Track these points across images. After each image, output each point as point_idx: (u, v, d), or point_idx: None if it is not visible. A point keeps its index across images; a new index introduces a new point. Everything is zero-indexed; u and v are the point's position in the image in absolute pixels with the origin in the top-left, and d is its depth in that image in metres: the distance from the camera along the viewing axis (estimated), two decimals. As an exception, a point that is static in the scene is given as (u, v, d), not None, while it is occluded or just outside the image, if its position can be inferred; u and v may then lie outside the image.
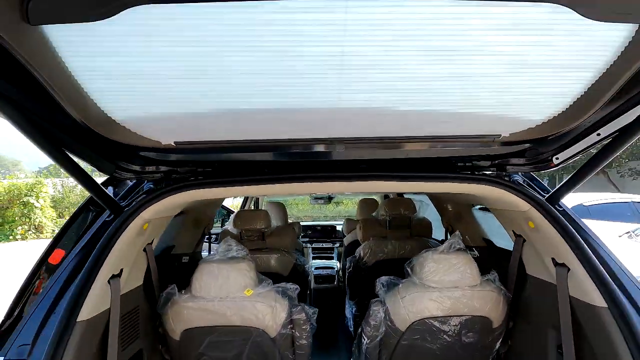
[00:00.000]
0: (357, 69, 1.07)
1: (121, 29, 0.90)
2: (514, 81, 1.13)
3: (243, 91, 1.14)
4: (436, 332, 1.70)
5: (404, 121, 1.31)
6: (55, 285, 1.35)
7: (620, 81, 1.08)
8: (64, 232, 1.68)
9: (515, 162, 1.54)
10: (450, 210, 2.72)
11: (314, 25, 0.93)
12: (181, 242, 2.39)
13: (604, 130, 1.29)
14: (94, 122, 1.19)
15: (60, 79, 1.03)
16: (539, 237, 1.51)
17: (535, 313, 1.66)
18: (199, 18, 0.90)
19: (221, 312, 1.63)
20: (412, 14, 0.91)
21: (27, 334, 1.25)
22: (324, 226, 5.74)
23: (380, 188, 1.56)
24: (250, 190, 1.57)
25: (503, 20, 0.94)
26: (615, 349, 1.18)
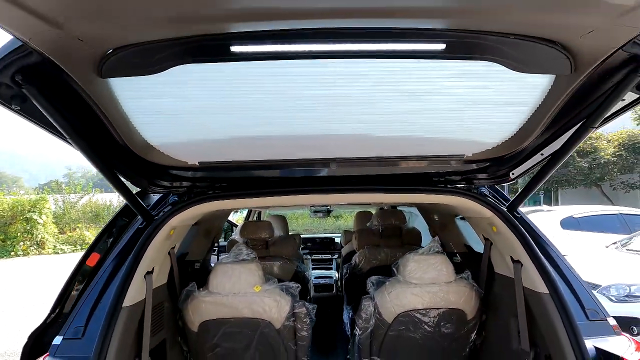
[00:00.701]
0: (344, 106, 1.39)
1: (164, 79, 1.22)
2: (469, 114, 1.45)
3: (254, 122, 1.46)
4: (418, 323, 1.98)
5: (385, 145, 1.63)
6: (100, 280, 1.64)
7: (550, 114, 1.40)
8: (99, 239, 1.98)
9: (481, 177, 1.85)
10: (436, 220, 3.01)
11: (311, 75, 1.26)
12: (194, 250, 2.67)
13: (546, 151, 1.61)
14: (137, 147, 1.51)
15: (116, 115, 1.35)
16: (500, 239, 1.80)
17: (502, 305, 1.94)
18: (221, 71, 1.23)
19: (234, 306, 1.91)
20: (384, 67, 1.24)
21: (80, 318, 1.52)
22: (323, 238, 5.98)
23: (367, 199, 1.86)
24: (259, 202, 1.86)
25: (454, 70, 1.26)
26: (555, 327, 1.45)
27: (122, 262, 1.67)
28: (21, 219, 13.88)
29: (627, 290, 4.51)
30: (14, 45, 1.05)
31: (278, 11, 0.97)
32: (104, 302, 1.55)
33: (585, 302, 1.57)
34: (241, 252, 2.09)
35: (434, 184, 1.91)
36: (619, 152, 14.77)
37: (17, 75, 1.08)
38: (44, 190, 16.80)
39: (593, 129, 1.34)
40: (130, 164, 1.58)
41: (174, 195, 1.96)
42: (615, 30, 1.00)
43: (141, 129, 1.44)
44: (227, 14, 0.99)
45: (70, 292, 1.88)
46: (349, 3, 0.94)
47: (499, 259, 1.92)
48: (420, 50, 1.15)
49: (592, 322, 1.53)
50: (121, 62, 1.13)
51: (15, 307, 6.87)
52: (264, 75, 1.26)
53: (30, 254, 13.64)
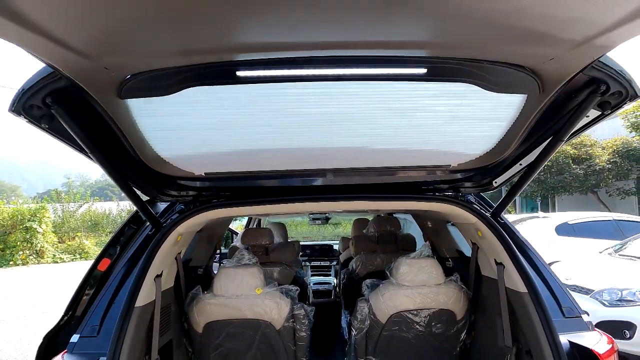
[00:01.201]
0: (339, 122, 1.54)
1: (175, 99, 1.36)
2: (452, 128, 1.60)
3: (257, 137, 1.60)
4: (410, 323, 2.10)
5: (377, 156, 1.77)
6: (113, 283, 1.76)
7: (524, 129, 1.55)
8: (110, 245, 2.11)
9: (466, 185, 1.99)
10: (429, 226, 3.14)
11: (309, 95, 1.41)
12: (197, 256, 2.79)
13: (524, 161, 1.75)
14: (149, 160, 1.65)
15: (132, 131, 1.49)
16: (485, 243, 1.94)
17: (488, 305, 2.06)
18: (226, 92, 1.38)
19: (237, 307, 2.03)
20: (374, 88, 1.39)
21: (95, 317, 1.64)
22: (321, 245, 6.09)
23: (361, 206, 2.00)
24: (260, 209, 2.00)
25: (435, 90, 1.42)
26: (533, 324, 1.57)
27: (133, 266, 1.79)
28: (21, 228, 13.89)
29: (619, 295, 4.60)
30: (46, 72, 1.20)
31: (279, 44, 1.12)
32: (117, 303, 1.67)
33: (562, 301, 1.70)
34: (243, 257, 2.22)
35: (423, 192, 2.05)
36: (613, 159, 14.97)
37: (48, 98, 1.23)
38: (43, 199, 16.84)
39: (562, 142, 1.48)
40: (142, 175, 1.72)
41: (180, 204, 2.09)
42: (572, 58, 1.15)
43: (153, 143, 1.58)
44: (231, 47, 1.14)
45: (83, 296, 2.00)
46: (343, 37, 1.09)
47: (485, 262, 2.06)
48: (405, 74, 1.30)
49: (567, 319, 1.66)
50: (138, 86, 1.27)
51: (16, 317, 6.92)
52: (266, 95, 1.41)
53: (30, 263, 13.65)
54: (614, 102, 1.35)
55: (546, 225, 7.94)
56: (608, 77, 1.25)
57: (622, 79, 1.25)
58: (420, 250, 2.22)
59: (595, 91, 1.30)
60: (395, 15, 0.97)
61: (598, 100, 1.33)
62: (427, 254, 2.21)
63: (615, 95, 1.32)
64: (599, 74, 1.25)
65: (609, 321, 4.38)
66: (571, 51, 1.09)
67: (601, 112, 1.40)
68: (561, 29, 1.00)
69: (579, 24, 0.97)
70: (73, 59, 1.06)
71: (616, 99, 1.33)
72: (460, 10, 0.94)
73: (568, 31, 1.01)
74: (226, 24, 1.01)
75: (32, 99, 1.22)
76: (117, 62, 1.14)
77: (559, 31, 1.01)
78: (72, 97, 1.28)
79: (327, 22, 1.02)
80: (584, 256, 6.51)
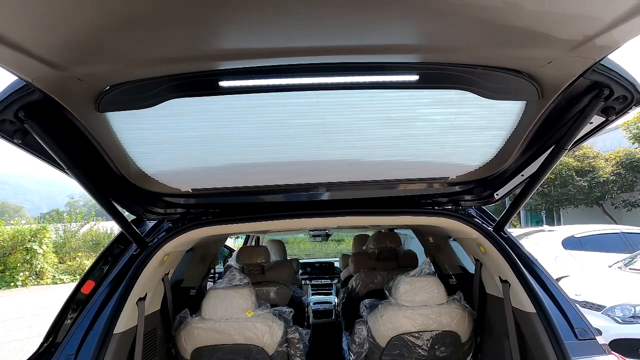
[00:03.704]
0: (331, 133, 1.47)
1: (157, 112, 1.30)
2: (448, 138, 1.53)
3: (246, 150, 1.53)
4: (412, 347, 1.97)
5: (371, 169, 1.69)
6: (93, 307, 1.66)
7: (525, 137, 1.47)
8: (94, 266, 2.01)
9: (467, 199, 1.90)
10: (430, 242, 3.03)
11: (298, 105, 1.35)
12: (189, 277, 2.68)
13: (526, 172, 1.67)
14: (132, 176, 1.58)
15: (112, 146, 1.42)
16: (489, 259, 1.83)
17: (494, 326, 1.93)
18: (211, 103, 1.32)
19: (227, 332, 1.91)
20: (366, 97, 1.33)
21: (71, 346, 1.53)
22: (322, 263, 5.95)
23: (356, 222, 1.91)
24: (250, 227, 1.91)
25: (429, 99, 1.35)
26: (543, 347, 1.45)
27: (116, 288, 1.69)
28: (21, 248, 13.80)
29: (633, 311, 4.43)
30: (18, 85, 1.14)
31: (262, 51, 1.06)
32: (95, 329, 1.56)
33: (573, 321, 1.58)
34: (234, 277, 2.11)
35: (421, 206, 1.96)
36: (617, 171, 14.82)
37: (20, 112, 1.17)
38: (45, 219, 16.80)
39: (565, 150, 1.40)
40: (126, 192, 1.64)
41: (168, 222, 2.01)
42: (571, 61, 1.08)
43: (136, 158, 1.51)
44: (213, 54, 1.08)
45: (64, 321, 1.89)
46: (330, 42, 1.03)
47: (489, 280, 1.94)
48: (397, 82, 1.24)
49: (581, 342, 1.53)
50: (117, 98, 1.21)
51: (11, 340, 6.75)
52: (253, 106, 1.34)
53: (29, 284, 13.48)
54: (618, 107, 1.27)
55: (552, 239, 7.77)
56: (611, 81, 1.18)
57: (626, 83, 1.18)
58: (421, 268, 2.10)
59: (598, 96, 1.23)
60: (385, 17, 0.91)
61: (601, 105, 1.25)
62: (427, 271, 2.10)
63: (620, 100, 1.25)
64: (601, 77, 1.18)
65: (622, 339, 4.19)
66: (571, 53, 1.03)
67: (605, 118, 1.33)
68: (559, 28, 0.93)
69: (578, 22, 0.91)
70: (43, 70, 1.00)
71: (621, 103, 1.26)
72: (451, 10, 0.88)
73: (566, 30, 0.95)
74: (205, 29, 0.95)
75: (3, 113, 1.16)
76: (90, 73, 1.08)
77: (556, 31, 0.95)
78: (47, 111, 1.22)
79: (312, 27, 0.96)
80: (594, 270, 6.32)
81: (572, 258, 7.26)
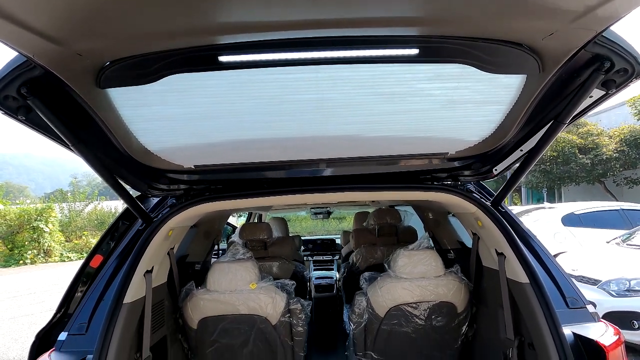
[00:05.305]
0: (330, 109, 1.48)
1: (158, 88, 1.30)
2: (448, 113, 1.53)
3: (246, 126, 1.55)
4: (410, 317, 2.04)
5: (371, 145, 1.71)
6: (102, 280, 1.73)
7: (525, 112, 1.47)
8: (102, 241, 2.07)
9: (466, 174, 1.92)
10: (430, 217, 3.07)
11: (297, 80, 1.35)
12: (194, 252, 2.75)
13: (525, 147, 1.68)
14: (136, 153, 1.60)
15: (115, 123, 1.43)
16: (486, 233, 1.87)
17: (490, 297, 2.00)
18: (212, 79, 1.32)
19: (231, 303, 1.99)
20: (365, 72, 1.33)
21: (83, 315, 1.61)
22: (323, 240, 6.05)
23: (356, 197, 1.94)
24: (252, 203, 1.94)
25: (430, 73, 1.35)
26: (535, 315, 1.51)
27: (123, 262, 1.75)
28: (28, 227, 14.05)
29: (628, 285, 4.51)
30: (19, 60, 1.14)
31: (262, 24, 1.05)
32: (106, 300, 1.63)
33: (565, 291, 1.63)
34: (238, 251, 2.17)
35: (421, 181, 1.98)
36: (620, 148, 14.71)
37: (23, 88, 1.18)
38: (49, 199, 16.98)
39: (564, 125, 1.41)
40: (130, 169, 1.67)
41: (172, 198, 2.05)
42: (573, 32, 1.07)
43: (139, 135, 1.53)
44: (213, 28, 1.07)
45: (75, 293, 1.97)
46: (328, 15, 1.03)
47: (485, 253, 1.99)
48: (396, 56, 1.23)
49: (572, 310, 1.59)
50: (118, 74, 1.22)
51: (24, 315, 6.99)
52: (253, 81, 1.34)
53: (38, 262, 13.81)
54: (619, 80, 1.27)
55: (552, 215, 7.83)
56: (612, 53, 1.17)
57: (628, 55, 1.17)
58: (420, 242, 2.16)
59: (598, 69, 1.22)
60: None
61: (602, 78, 1.25)
62: (426, 245, 2.15)
63: (621, 73, 1.24)
64: (602, 50, 1.17)
65: (616, 312, 4.30)
66: (572, 24, 1.02)
67: (605, 91, 1.32)
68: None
69: None
70: (43, 45, 1.00)
71: (621, 76, 1.25)
72: None
73: (568, 1, 0.94)
74: (205, 1, 0.94)
75: (6, 89, 1.17)
76: (90, 48, 1.08)
77: (558, 1, 0.94)
78: (49, 87, 1.23)
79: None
80: (591, 246, 6.40)
81: (571, 234, 7.34)
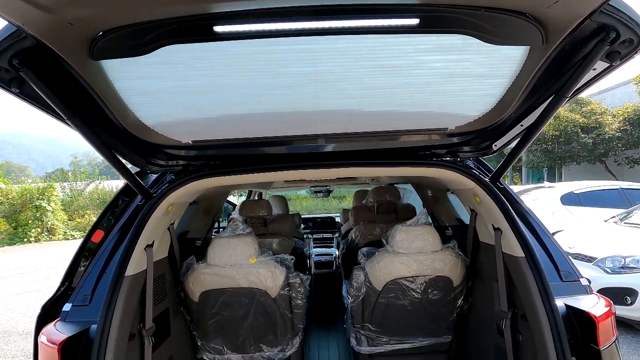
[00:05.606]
0: (328, 82, 1.45)
1: (155, 60, 1.28)
2: (449, 87, 1.50)
3: (242, 100, 1.53)
4: (406, 290, 2.09)
5: (370, 120, 1.69)
6: (104, 253, 1.76)
7: (526, 85, 1.45)
8: (102, 216, 2.09)
9: (465, 150, 1.91)
10: (429, 195, 3.09)
11: (295, 52, 1.32)
12: (194, 228, 2.78)
13: (525, 122, 1.66)
14: (133, 128, 1.59)
15: (110, 96, 1.42)
16: (483, 208, 1.88)
17: (485, 271, 2.03)
18: (209, 51, 1.29)
19: (231, 276, 2.03)
20: (364, 43, 1.29)
21: (86, 287, 1.65)
22: (323, 218, 6.11)
23: (356, 173, 1.94)
24: (251, 178, 1.95)
25: (428, 45, 1.31)
26: (529, 287, 1.54)
27: (124, 236, 1.77)
28: (30, 206, 14.18)
29: (623, 262, 4.58)
30: (9, 30, 1.11)
31: None
32: (108, 273, 1.66)
33: (560, 265, 1.66)
34: (237, 227, 2.20)
35: (420, 157, 1.98)
36: (624, 127, 14.58)
37: (15, 59, 1.15)
38: (50, 178, 17.04)
39: (566, 98, 1.39)
40: (128, 144, 1.66)
41: (170, 174, 2.05)
42: (578, 0, 1.04)
43: (135, 109, 1.51)
44: None
45: (78, 267, 2.01)
46: None
47: (483, 228, 2.01)
48: (396, 26, 1.20)
49: (565, 283, 1.62)
50: (111, 44, 1.19)
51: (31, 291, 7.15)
52: (250, 53, 1.31)
53: (42, 240, 14.03)
54: (624, 51, 1.24)
55: (551, 194, 7.86)
56: (618, 23, 1.14)
57: (634, 25, 1.14)
58: (417, 218, 2.18)
59: (603, 40, 1.19)
60: None
61: (606, 50, 1.22)
62: (424, 221, 2.17)
63: (626, 44, 1.21)
64: (608, 19, 1.13)
65: (610, 288, 4.39)
66: None
67: (609, 63, 1.29)
68: None
69: None
70: (33, 14, 0.98)
71: (626, 47, 1.22)
72: None
73: None
74: None
75: None
76: (81, 17, 1.05)
77: None
78: (42, 58, 1.20)
79: None
80: (588, 225, 6.45)
81: (569, 213, 7.39)
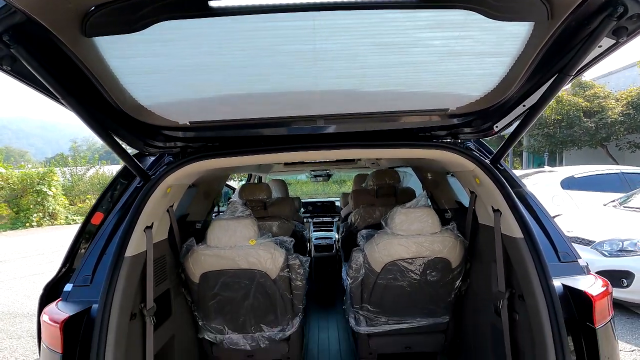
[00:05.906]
0: (326, 60, 1.42)
1: (149, 37, 1.24)
2: (450, 66, 1.47)
3: (239, 80, 1.50)
4: (405, 272, 2.10)
5: (370, 100, 1.66)
6: (104, 235, 1.76)
7: (530, 64, 1.42)
8: (101, 199, 2.09)
9: (466, 131, 1.89)
10: (429, 178, 3.08)
11: (291, 29, 1.28)
12: (194, 211, 2.79)
13: (527, 102, 1.63)
14: (129, 108, 1.56)
15: (105, 75, 1.39)
16: (483, 190, 1.87)
17: (484, 253, 2.04)
18: (205, 27, 1.25)
19: (231, 258, 2.04)
20: (361, 20, 1.25)
21: (87, 268, 1.66)
22: (323, 202, 6.12)
23: (355, 155, 1.92)
24: (249, 160, 1.93)
25: (429, 21, 1.27)
26: (526, 267, 1.55)
27: (123, 218, 1.78)
28: (31, 191, 14.22)
29: (620, 245, 4.61)
30: (-2, 5, 1.08)
31: None
32: (108, 254, 1.67)
33: (558, 246, 1.67)
34: (237, 209, 2.20)
35: (420, 139, 1.95)
36: (627, 111, 14.43)
37: (5, 36, 1.12)
38: (50, 163, 17.03)
39: (569, 77, 1.36)
40: (125, 125, 1.64)
41: (169, 156, 2.03)
42: None
43: (131, 89, 1.48)
44: None
45: (78, 249, 2.02)
46: None
47: (482, 210, 2.01)
48: (396, 0, 1.16)
49: (563, 264, 1.63)
50: (104, 20, 1.15)
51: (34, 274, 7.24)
52: (246, 30, 1.28)
53: (44, 225, 14.13)
54: (631, 27, 1.20)
55: (552, 179, 7.85)
56: None
57: None
58: (417, 200, 2.17)
59: (611, 15, 1.15)
60: None
61: (613, 25, 1.18)
62: (423, 203, 2.17)
63: (634, 19, 1.17)
64: None
65: (607, 271, 4.43)
66: None
67: (616, 40, 1.26)
68: None
69: None
70: None
71: (634, 23, 1.18)
72: None
73: None
74: None
75: None
76: None
77: None
78: (33, 34, 1.17)
79: None
80: (587, 209, 6.47)
81: (569, 197, 7.39)
